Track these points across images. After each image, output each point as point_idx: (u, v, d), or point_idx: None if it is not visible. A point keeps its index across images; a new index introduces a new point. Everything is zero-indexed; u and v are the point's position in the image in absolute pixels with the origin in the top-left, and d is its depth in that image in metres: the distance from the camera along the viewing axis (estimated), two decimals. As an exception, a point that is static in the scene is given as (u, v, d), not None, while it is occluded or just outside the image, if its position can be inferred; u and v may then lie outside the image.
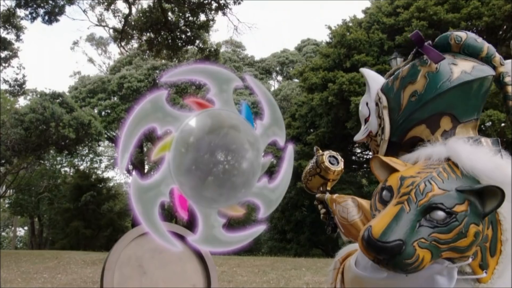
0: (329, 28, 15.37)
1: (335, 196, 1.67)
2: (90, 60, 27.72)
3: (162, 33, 6.71)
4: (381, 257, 1.00)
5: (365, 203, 1.58)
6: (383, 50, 13.69)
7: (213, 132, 2.41)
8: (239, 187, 2.33)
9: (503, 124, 10.87)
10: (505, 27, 12.59)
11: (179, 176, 2.20)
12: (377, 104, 1.32)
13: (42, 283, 6.33)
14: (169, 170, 2.19)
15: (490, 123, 10.78)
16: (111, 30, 8.50)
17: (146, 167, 23.65)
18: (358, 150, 17.50)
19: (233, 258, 9.62)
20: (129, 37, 7.10)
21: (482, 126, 11.00)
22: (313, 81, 13.68)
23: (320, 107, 13.87)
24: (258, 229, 2.41)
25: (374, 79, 1.40)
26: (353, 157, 17.10)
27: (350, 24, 14.93)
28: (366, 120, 1.35)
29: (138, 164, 21.10)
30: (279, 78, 27.47)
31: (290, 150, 2.58)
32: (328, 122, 14.05)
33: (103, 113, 15.52)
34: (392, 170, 1.16)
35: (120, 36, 6.92)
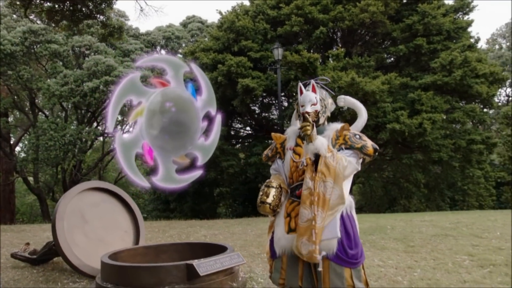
0: (220, 13, 16.34)
1: None
2: None
3: (65, 4, 6.70)
4: None
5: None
6: (267, 38, 15.00)
7: (170, 104, 3.44)
8: (187, 143, 3.40)
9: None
10: (359, 31, 15.41)
11: (148, 134, 3.18)
12: (321, 100, 2.59)
13: None
14: (141, 130, 3.15)
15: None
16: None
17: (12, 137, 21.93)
18: (239, 126, 18.99)
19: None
20: (32, 5, 6.79)
21: (341, 109, 13.45)
22: (204, 61, 14.52)
23: (209, 86, 14.77)
24: (198, 172, 3.57)
25: (321, 90, 2.66)
26: (232, 132, 18.43)
27: (239, 11, 16.10)
28: (313, 104, 2.53)
29: (6, 134, 19.35)
30: (163, 52, 27.29)
31: (218, 118, 3.85)
32: (216, 99, 15.02)
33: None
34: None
35: (26, 4, 6.62)
